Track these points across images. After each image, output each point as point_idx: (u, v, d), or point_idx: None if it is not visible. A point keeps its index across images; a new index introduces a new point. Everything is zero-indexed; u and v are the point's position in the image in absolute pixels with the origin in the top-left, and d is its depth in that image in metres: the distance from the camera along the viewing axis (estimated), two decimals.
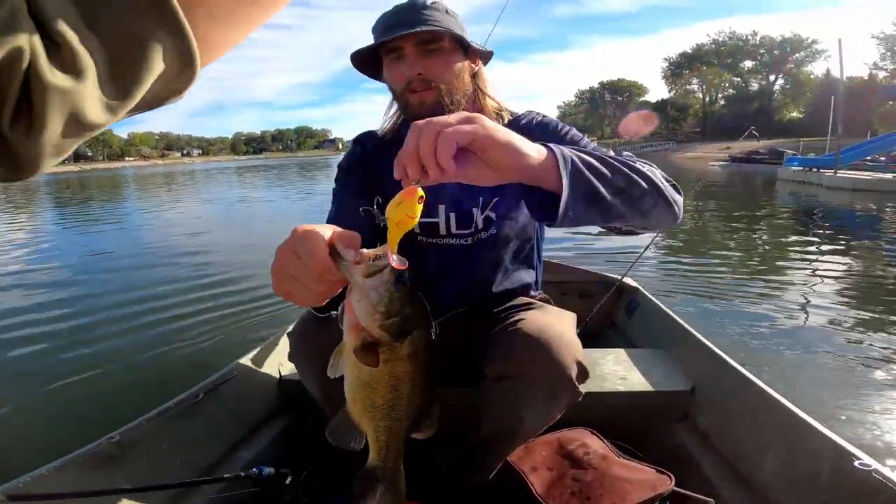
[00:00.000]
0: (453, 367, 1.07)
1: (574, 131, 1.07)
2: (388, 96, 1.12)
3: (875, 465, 0.85)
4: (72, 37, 0.27)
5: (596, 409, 1.16)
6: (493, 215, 1.08)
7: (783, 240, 6.33)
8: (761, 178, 16.11)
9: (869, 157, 15.75)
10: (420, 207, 0.55)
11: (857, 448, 0.91)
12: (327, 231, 0.56)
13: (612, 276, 2.21)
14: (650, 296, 1.96)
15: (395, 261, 0.54)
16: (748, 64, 55.88)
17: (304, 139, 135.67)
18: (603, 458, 1.11)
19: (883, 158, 15.62)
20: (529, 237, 1.16)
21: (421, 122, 0.56)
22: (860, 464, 0.86)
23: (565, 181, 0.62)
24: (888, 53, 42.43)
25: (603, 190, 0.66)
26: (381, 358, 0.57)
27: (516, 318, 0.98)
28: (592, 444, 1.17)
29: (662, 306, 1.83)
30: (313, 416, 1.15)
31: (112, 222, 9.41)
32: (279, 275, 0.58)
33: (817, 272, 4.50)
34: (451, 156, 0.55)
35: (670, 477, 1.04)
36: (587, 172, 0.65)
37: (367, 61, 1.07)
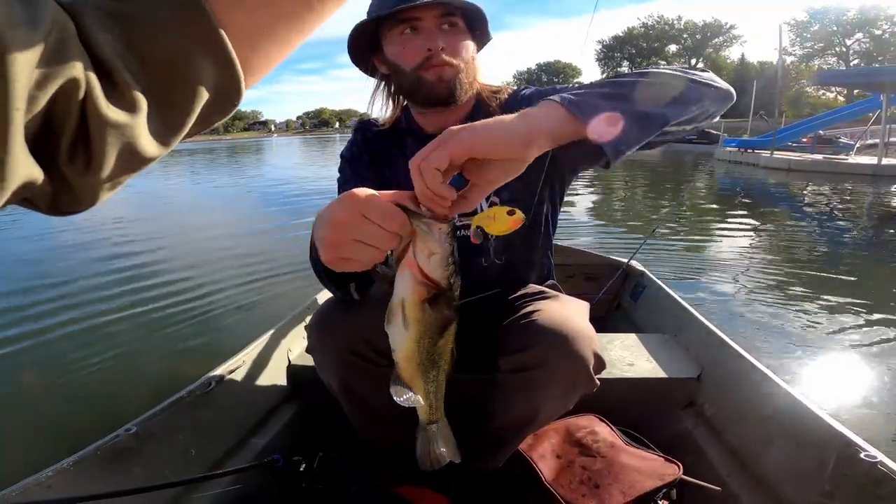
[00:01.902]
0: (462, 355, 1.07)
1: (559, 87, 1.05)
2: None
3: (881, 456, 0.87)
4: (124, 69, 0.26)
5: (603, 394, 1.17)
6: (497, 200, 1.07)
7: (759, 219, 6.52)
8: (693, 158, 16.56)
9: (793, 140, 16.60)
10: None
11: (862, 439, 0.92)
12: (375, 194, 0.59)
13: (619, 259, 2.20)
14: (657, 279, 1.96)
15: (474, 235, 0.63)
16: (673, 48, 59.32)
17: (231, 121, 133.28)
18: (611, 446, 1.13)
19: (805, 140, 16.60)
20: (541, 219, 1.14)
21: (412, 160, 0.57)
22: (866, 455, 0.87)
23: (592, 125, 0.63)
24: (797, 39, 46.12)
25: (645, 108, 0.68)
26: (441, 306, 0.61)
27: (531, 308, 0.97)
28: (601, 432, 1.18)
29: (669, 290, 1.83)
30: (323, 403, 1.16)
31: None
32: (341, 242, 0.59)
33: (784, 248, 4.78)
34: (439, 182, 0.55)
35: (678, 465, 1.05)
36: (604, 101, 0.66)
37: (360, 45, 1.02)
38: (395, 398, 0.66)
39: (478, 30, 1.02)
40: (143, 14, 0.27)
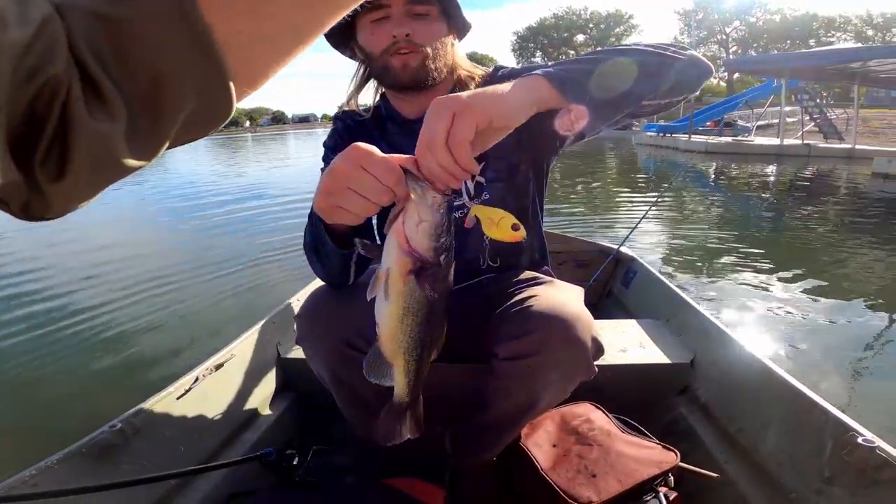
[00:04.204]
0: (455, 343, 1.05)
1: (538, 65, 1.08)
2: None
3: (878, 441, 0.86)
4: (106, 75, 0.25)
5: (598, 381, 1.16)
6: (482, 180, 1.06)
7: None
8: (612, 142, 17.66)
9: (701, 125, 18.01)
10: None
11: (859, 424, 0.92)
12: (378, 151, 0.60)
13: (610, 245, 2.20)
14: (648, 265, 1.97)
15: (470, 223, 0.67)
16: (581, 37, 61.39)
17: None
18: (607, 434, 1.12)
19: (709, 124, 18.21)
20: (528, 201, 1.13)
21: (423, 142, 0.58)
22: (863, 440, 0.87)
23: (568, 94, 0.70)
24: (686, 28, 50.14)
25: (621, 86, 0.74)
26: (427, 281, 0.60)
27: (527, 294, 0.95)
28: (596, 420, 1.18)
29: (660, 276, 1.84)
30: (316, 396, 1.14)
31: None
32: (335, 189, 0.62)
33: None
34: (472, 156, 0.58)
35: (675, 452, 1.05)
36: (583, 77, 0.72)
37: (336, 32, 1.02)
38: (365, 373, 0.66)
39: (455, 18, 1.02)
40: (130, 17, 0.25)
